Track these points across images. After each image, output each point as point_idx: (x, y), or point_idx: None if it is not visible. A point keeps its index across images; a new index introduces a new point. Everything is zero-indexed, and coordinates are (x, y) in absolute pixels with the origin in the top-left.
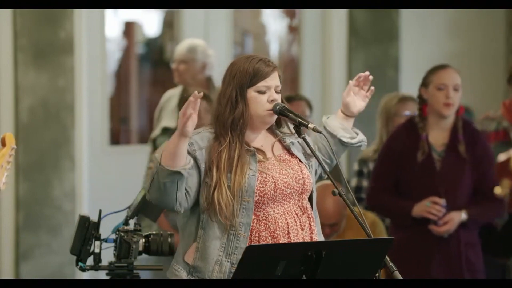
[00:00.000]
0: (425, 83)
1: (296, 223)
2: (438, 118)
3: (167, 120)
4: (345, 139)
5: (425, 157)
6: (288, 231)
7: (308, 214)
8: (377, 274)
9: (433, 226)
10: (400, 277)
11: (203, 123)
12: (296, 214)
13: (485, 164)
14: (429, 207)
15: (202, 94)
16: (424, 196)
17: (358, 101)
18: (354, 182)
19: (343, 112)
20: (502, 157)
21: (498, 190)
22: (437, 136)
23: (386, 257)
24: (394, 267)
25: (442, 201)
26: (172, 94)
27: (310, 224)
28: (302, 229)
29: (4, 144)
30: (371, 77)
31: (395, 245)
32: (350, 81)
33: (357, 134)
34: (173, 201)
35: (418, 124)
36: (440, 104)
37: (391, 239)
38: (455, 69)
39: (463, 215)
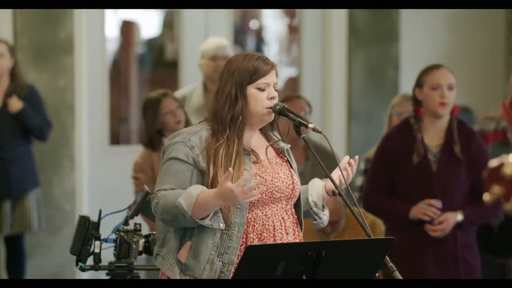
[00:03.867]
0: (419, 84)
1: (281, 227)
2: (433, 118)
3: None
4: (311, 201)
5: (421, 159)
6: (274, 234)
7: (293, 220)
8: (377, 274)
9: (429, 226)
10: (400, 277)
11: (180, 119)
12: (282, 218)
13: (481, 164)
14: (425, 209)
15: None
16: (421, 198)
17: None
18: (359, 181)
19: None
20: (493, 162)
21: (486, 197)
22: (432, 137)
23: (386, 257)
24: (394, 267)
25: (438, 203)
26: (186, 93)
27: (294, 229)
28: (287, 234)
29: None
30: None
31: (394, 246)
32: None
33: (323, 211)
34: None
35: (413, 125)
36: (436, 103)
37: (391, 239)
38: (448, 68)
39: (458, 216)
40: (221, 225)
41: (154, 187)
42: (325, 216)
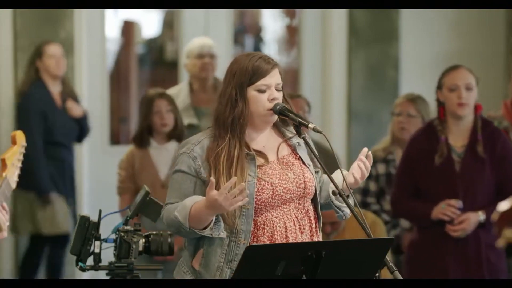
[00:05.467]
0: (439, 86)
1: (295, 226)
2: (455, 119)
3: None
4: (331, 195)
5: (444, 159)
6: (286, 235)
7: (310, 217)
8: (377, 274)
9: (449, 226)
10: (400, 277)
11: (167, 123)
12: (296, 217)
13: (506, 163)
14: (444, 209)
15: (243, 186)
16: (445, 198)
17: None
18: (362, 183)
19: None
20: (504, 205)
21: (500, 243)
22: (457, 137)
23: (386, 257)
24: (394, 267)
25: (458, 203)
26: (173, 93)
27: (311, 226)
28: (302, 232)
29: (14, 143)
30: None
31: (416, 246)
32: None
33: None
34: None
35: (437, 127)
36: (454, 104)
37: (391, 239)
38: (467, 68)
39: (480, 216)
40: (221, 234)
41: (132, 185)
42: (346, 209)
